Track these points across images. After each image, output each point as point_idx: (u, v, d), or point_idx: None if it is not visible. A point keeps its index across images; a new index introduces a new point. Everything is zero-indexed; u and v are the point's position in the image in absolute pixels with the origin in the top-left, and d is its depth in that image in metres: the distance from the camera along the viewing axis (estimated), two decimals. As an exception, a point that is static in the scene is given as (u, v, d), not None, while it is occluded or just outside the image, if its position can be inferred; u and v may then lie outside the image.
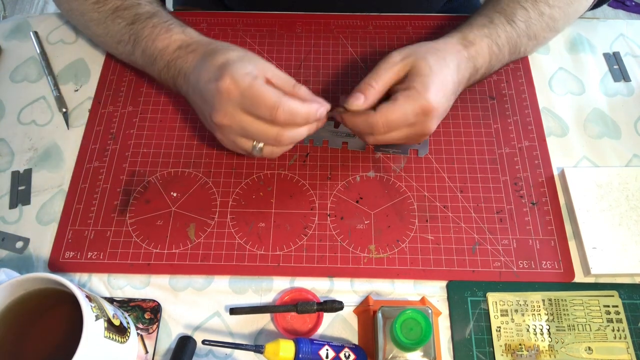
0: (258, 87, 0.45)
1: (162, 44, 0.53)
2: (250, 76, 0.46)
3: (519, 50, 0.57)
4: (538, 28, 0.57)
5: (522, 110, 0.60)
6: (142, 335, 0.48)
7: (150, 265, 0.51)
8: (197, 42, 0.52)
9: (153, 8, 0.56)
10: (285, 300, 0.49)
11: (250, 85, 0.45)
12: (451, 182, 0.56)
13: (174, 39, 0.52)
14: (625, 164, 0.57)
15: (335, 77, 0.64)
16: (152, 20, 0.54)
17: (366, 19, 0.68)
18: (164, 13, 0.56)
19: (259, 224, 0.53)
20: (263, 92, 0.45)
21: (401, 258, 0.51)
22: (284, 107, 0.45)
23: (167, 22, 0.54)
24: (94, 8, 0.57)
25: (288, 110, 0.45)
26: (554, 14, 0.57)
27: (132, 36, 0.55)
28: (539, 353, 0.47)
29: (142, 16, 0.55)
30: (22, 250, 0.53)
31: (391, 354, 0.43)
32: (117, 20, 0.56)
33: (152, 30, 0.53)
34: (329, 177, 0.56)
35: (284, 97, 0.46)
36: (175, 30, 0.53)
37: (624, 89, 0.62)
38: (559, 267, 0.51)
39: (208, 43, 0.52)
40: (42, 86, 0.63)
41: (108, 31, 0.57)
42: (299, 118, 0.46)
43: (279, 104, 0.45)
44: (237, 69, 0.46)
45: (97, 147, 0.58)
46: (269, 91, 0.45)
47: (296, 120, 0.46)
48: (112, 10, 0.56)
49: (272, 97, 0.45)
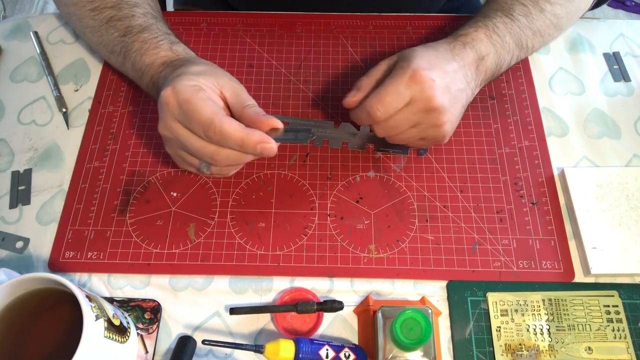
0: (195, 101, 0.43)
1: (149, 59, 0.52)
2: (193, 88, 0.44)
3: (525, 44, 0.56)
4: (542, 24, 0.56)
5: (522, 110, 0.60)
6: (142, 335, 0.48)
7: (150, 265, 0.51)
8: (180, 59, 0.52)
9: (146, 21, 0.55)
10: (285, 300, 0.49)
11: (187, 98, 0.43)
12: (451, 182, 0.56)
13: (160, 56, 0.52)
14: (625, 164, 0.57)
15: (335, 77, 0.64)
16: (142, 35, 0.54)
17: (366, 19, 0.68)
18: (155, 27, 0.55)
19: (259, 224, 0.54)
20: (199, 106, 0.43)
21: (401, 258, 0.51)
22: (215, 127, 0.43)
23: (156, 38, 0.53)
24: (90, 15, 0.57)
25: (219, 131, 0.43)
26: (556, 11, 0.57)
27: (123, 48, 0.54)
28: (539, 353, 0.47)
29: (134, 29, 0.54)
30: (22, 250, 0.53)
31: (391, 354, 0.43)
32: (111, 31, 0.55)
33: (142, 45, 0.53)
34: (329, 177, 0.56)
35: (220, 116, 0.43)
36: (163, 47, 0.53)
37: (624, 89, 0.62)
38: (559, 267, 0.51)
39: (188, 59, 0.51)
40: (42, 86, 0.63)
41: (102, 40, 0.57)
42: (231, 142, 0.43)
43: (210, 121, 0.43)
44: (183, 79, 0.45)
45: (97, 147, 0.58)
46: (205, 107, 0.43)
47: (228, 144, 0.44)
48: (106, 20, 0.56)
49: (205, 113, 0.43)
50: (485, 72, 0.53)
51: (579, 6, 0.60)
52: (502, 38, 0.54)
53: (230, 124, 0.43)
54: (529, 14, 0.56)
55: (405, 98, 0.47)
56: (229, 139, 0.43)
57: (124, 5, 0.56)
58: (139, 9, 0.56)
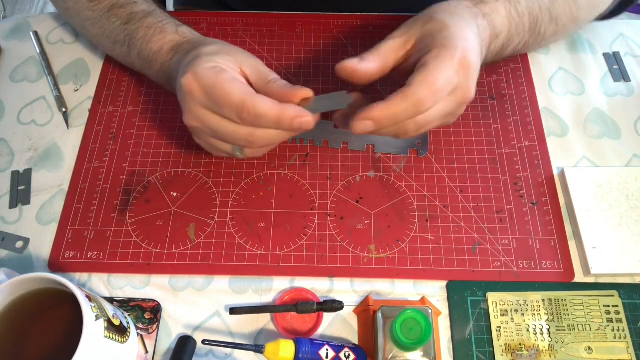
0: (221, 85, 0.40)
1: (156, 45, 0.50)
2: (214, 71, 0.41)
3: (539, 29, 0.51)
4: (560, 11, 0.52)
5: (522, 110, 0.60)
6: (142, 335, 0.48)
7: (150, 265, 0.51)
8: (188, 42, 0.49)
9: (149, 7, 0.54)
10: (285, 300, 0.49)
11: (213, 83, 0.40)
12: (451, 182, 0.56)
13: (168, 40, 0.50)
14: (625, 164, 0.57)
15: (335, 77, 0.63)
16: (146, 20, 0.51)
17: (366, 19, 0.68)
18: (159, 12, 0.53)
19: (259, 224, 0.54)
20: (226, 90, 0.40)
21: (401, 258, 0.51)
22: (249, 108, 0.40)
23: (161, 22, 0.51)
24: (89, 7, 0.55)
25: (254, 112, 0.40)
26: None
27: (127, 37, 0.52)
28: (539, 353, 0.47)
29: (137, 15, 0.52)
30: (22, 250, 0.53)
31: (391, 354, 0.43)
32: (112, 19, 0.53)
33: (147, 31, 0.51)
34: (329, 177, 0.56)
35: (251, 95, 0.40)
36: (169, 31, 0.50)
37: (624, 89, 0.62)
38: (559, 267, 0.51)
39: (198, 41, 0.49)
40: (42, 86, 0.63)
41: (104, 31, 0.55)
42: (266, 121, 0.41)
43: (242, 103, 0.40)
44: (201, 62, 0.41)
45: (97, 147, 0.58)
46: (233, 89, 0.40)
47: (263, 124, 0.41)
48: (107, 9, 0.54)
49: (236, 95, 0.40)
50: (490, 54, 0.48)
51: (596, 2, 0.55)
52: (520, 18, 0.48)
53: (263, 102, 0.40)
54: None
55: (452, 87, 0.41)
56: (264, 118, 0.40)
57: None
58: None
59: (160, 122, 0.60)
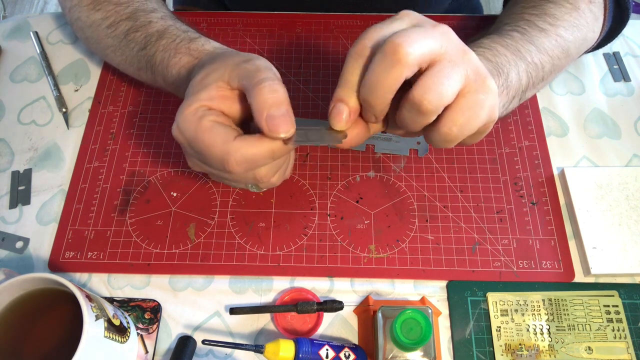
0: (202, 137, 0.37)
1: (175, 70, 0.47)
2: (195, 117, 0.38)
3: (525, 95, 0.49)
4: (548, 44, 0.50)
5: (522, 110, 0.60)
6: (142, 335, 0.48)
7: (150, 265, 0.51)
8: (197, 64, 0.46)
9: (163, 24, 0.50)
10: (285, 300, 0.49)
11: (194, 135, 0.38)
12: (451, 182, 0.56)
13: (183, 64, 0.47)
14: (625, 164, 0.57)
15: (335, 77, 0.63)
16: (161, 43, 0.48)
17: (366, 19, 0.68)
18: (174, 28, 0.50)
19: (259, 224, 0.54)
20: (206, 142, 0.37)
21: (401, 258, 0.51)
22: (235, 158, 0.37)
23: (174, 42, 0.48)
24: (107, 33, 0.52)
25: (242, 159, 0.37)
26: (560, 32, 0.51)
27: (148, 63, 0.50)
28: (539, 353, 0.47)
29: (152, 38, 0.49)
30: (22, 250, 0.53)
31: (391, 354, 0.43)
32: (131, 45, 0.51)
33: (163, 55, 0.48)
34: (329, 177, 0.56)
35: (235, 145, 0.37)
36: (183, 52, 0.47)
37: (624, 89, 0.62)
38: (559, 267, 0.51)
39: (200, 62, 0.46)
40: (42, 86, 0.63)
41: (126, 58, 0.52)
42: (261, 160, 0.38)
43: (225, 156, 0.37)
44: (185, 107, 0.39)
45: (97, 147, 0.58)
46: (215, 140, 0.37)
47: (260, 163, 0.38)
48: (124, 34, 0.51)
49: (218, 148, 0.37)
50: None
51: (586, 36, 0.53)
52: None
53: (248, 146, 0.37)
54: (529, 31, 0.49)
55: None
56: (255, 161, 0.38)
57: (140, 14, 0.51)
58: (155, 14, 0.51)
59: (160, 122, 0.60)
